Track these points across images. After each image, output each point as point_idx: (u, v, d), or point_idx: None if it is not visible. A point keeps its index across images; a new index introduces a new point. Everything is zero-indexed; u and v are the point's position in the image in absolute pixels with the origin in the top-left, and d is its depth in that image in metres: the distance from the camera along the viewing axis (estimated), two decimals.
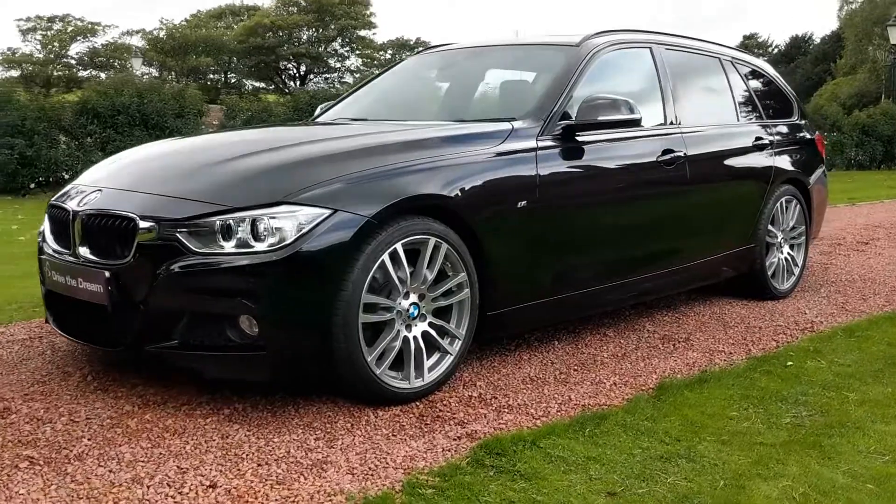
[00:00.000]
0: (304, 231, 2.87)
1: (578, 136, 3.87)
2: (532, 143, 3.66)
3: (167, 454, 2.69)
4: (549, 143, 3.74)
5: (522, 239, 3.57)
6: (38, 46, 47.66)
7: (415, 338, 3.23)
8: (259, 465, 2.62)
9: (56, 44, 47.52)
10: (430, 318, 3.29)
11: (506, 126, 3.70)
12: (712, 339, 4.22)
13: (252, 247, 2.86)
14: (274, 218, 2.88)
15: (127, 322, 3.05)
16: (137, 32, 46.98)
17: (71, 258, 3.27)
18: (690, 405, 3.16)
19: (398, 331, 3.17)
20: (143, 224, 2.98)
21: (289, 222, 2.88)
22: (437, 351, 3.34)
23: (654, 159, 4.24)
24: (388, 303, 3.12)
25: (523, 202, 3.54)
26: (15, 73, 45.58)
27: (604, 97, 3.86)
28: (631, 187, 4.13)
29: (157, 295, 2.93)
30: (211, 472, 2.56)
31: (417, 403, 3.19)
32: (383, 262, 3.04)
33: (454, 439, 2.84)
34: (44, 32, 47.37)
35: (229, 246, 2.87)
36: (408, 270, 3.15)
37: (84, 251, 3.20)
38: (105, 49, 45.79)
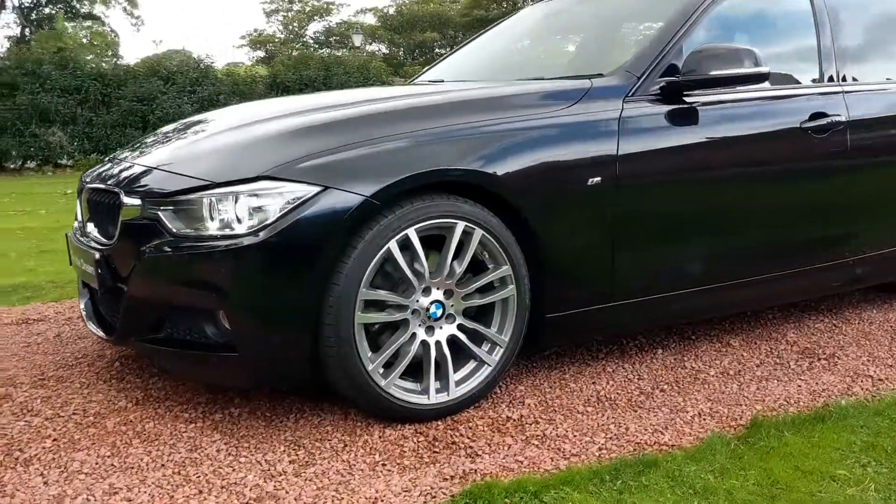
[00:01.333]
0: (286, 212, 2.38)
1: (687, 95, 3.07)
2: (614, 106, 2.92)
3: (115, 467, 2.34)
4: (642, 104, 2.97)
5: (594, 225, 2.86)
6: (280, 27, 51.02)
7: (438, 343, 2.66)
8: (198, 492, 2.19)
9: (295, 24, 50.61)
10: (459, 320, 2.69)
11: (581, 85, 2.98)
12: (866, 358, 3.26)
13: (233, 230, 2.41)
14: (254, 196, 2.41)
15: (115, 309, 2.73)
16: (370, 10, 48.78)
17: (79, 235, 3.01)
18: (785, 454, 2.34)
19: (414, 334, 2.61)
20: (126, 200, 2.63)
21: (270, 201, 2.40)
22: (472, 360, 2.74)
23: (798, 125, 3.31)
24: (398, 300, 2.56)
25: (595, 179, 2.82)
26: (261, 53, 49.00)
27: (719, 46, 3.02)
28: (756, 162, 3.24)
29: (137, 281, 2.57)
30: (139, 497, 2.16)
31: (438, 424, 2.62)
32: (389, 251, 2.49)
33: (446, 479, 2.25)
34: (285, 13, 50.58)
35: (209, 228, 2.44)
36: (425, 262, 2.56)
37: (91, 228, 2.92)
38: (339, 27, 48.03)
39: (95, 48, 35.75)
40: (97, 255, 2.75)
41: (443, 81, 3.83)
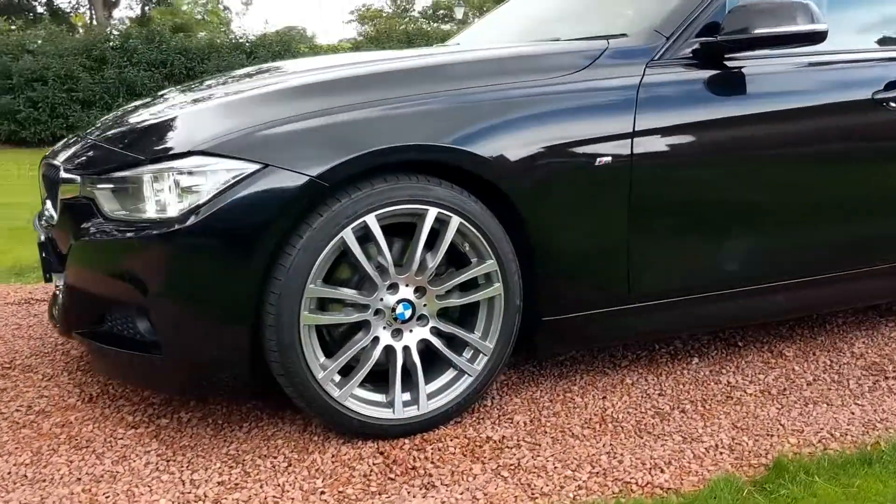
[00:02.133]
0: (218, 193, 2.04)
1: (729, 59, 2.56)
2: (633, 72, 2.45)
3: (26, 479, 2.08)
4: (671, 70, 2.49)
5: (603, 214, 2.41)
6: (388, 2, 51.08)
7: (406, 349, 2.28)
8: None
9: None
10: (433, 322, 2.31)
11: (594, 47, 2.52)
12: None
13: (165, 213, 2.09)
14: (185, 174, 2.08)
15: (57, 297, 2.47)
16: None
17: (37, 215, 2.77)
18: None
19: (376, 337, 2.24)
20: (64, 176, 2.35)
21: (202, 181, 2.06)
22: (451, 369, 2.36)
23: (869, 96, 2.74)
24: (356, 297, 2.20)
25: (605, 159, 2.36)
26: (370, 28, 49.22)
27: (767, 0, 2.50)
28: (815, 140, 2.70)
29: (72, 268, 2.29)
30: None
31: (405, 443, 2.26)
32: (343, 241, 2.12)
33: None
34: None
35: (142, 211, 2.12)
36: (388, 254, 2.19)
37: (48, 207, 2.67)
38: (446, 1, 47.64)
39: (209, 24, 36.50)
40: (42, 237, 2.49)
41: (457, 45, 3.42)
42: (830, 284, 2.83)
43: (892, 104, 2.75)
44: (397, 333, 2.27)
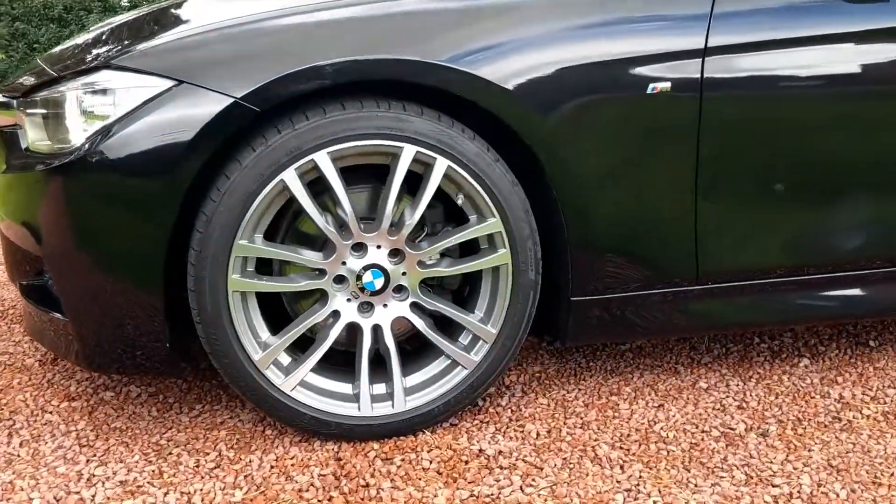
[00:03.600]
0: (120, 116, 1.59)
1: None
2: None
3: None
4: None
5: (658, 162, 1.76)
6: None
7: (377, 328, 1.76)
8: None
9: None
10: (414, 297, 1.76)
11: None
12: None
13: (70, 143, 1.66)
14: (88, 92, 1.64)
15: None
16: None
17: None
18: None
19: (336, 311, 1.74)
20: (1, 99, 1.98)
21: (107, 101, 1.62)
22: (444, 357, 1.81)
23: None
24: (305, 259, 1.70)
25: (661, 85, 1.71)
26: None
27: None
28: None
29: (1, 211, 1.94)
30: None
31: (372, 448, 1.75)
32: (285, 185, 1.62)
33: None
34: None
35: (44, 139, 1.72)
36: (347, 205, 1.66)
37: None
38: None
39: None
40: None
41: None
42: None
43: None
44: (366, 308, 1.75)
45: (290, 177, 1.61)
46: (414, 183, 1.70)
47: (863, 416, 1.88)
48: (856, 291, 2.00)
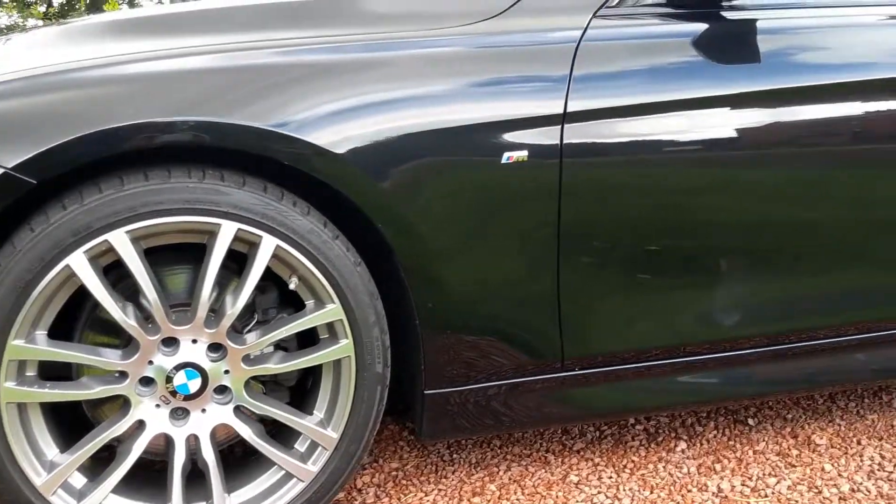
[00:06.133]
0: None
1: (725, 6, 1.71)
2: (574, 21, 1.61)
3: None
4: (636, 19, 1.67)
5: (515, 237, 1.58)
6: None
7: (193, 439, 1.48)
8: None
9: None
10: (238, 400, 1.50)
11: None
12: None
13: None
14: None
15: None
16: None
17: None
18: None
19: (141, 422, 1.45)
20: None
21: None
22: (278, 469, 1.55)
23: None
24: (101, 360, 1.41)
25: (517, 154, 1.53)
26: None
27: None
28: (869, 135, 1.80)
29: None
30: None
31: None
32: (70, 272, 1.34)
33: None
34: None
35: None
36: (151, 292, 1.39)
37: None
38: None
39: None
40: None
41: None
42: (879, 346, 1.93)
43: None
44: (180, 414, 1.48)
45: (78, 261, 1.33)
46: (244, 262, 1.46)
47: None
48: (738, 371, 1.86)
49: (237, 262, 1.48)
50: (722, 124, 1.66)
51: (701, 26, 1.68)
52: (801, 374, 1.95)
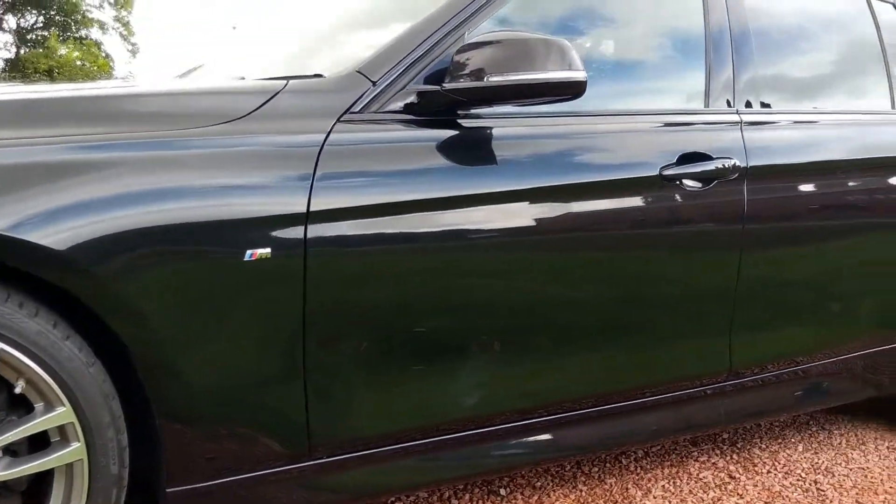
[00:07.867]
0: None
1: (465, 115, 1.86)
2: (319, 125, 1.71)
3: None
4: (379, 125, 1.79)
5: (260, 332, 1.63)
6: None
7: None
8: None
9: None
10: None
11: (267, 87, 1.77)
12: None
13: None
14: None
15: None
16: None
17: None
18: None
19: None
20: None
21: None
22: None
23: (657, 173, 2.09)
24: None
25: (260, 251, 1.58)
26: None
27: (505, 33, 1.82)
28: (583, 227, 2.02)
29: None
30: None
31: None
32: None
33: None
34: None
35: None
36: None
37: None
38: None
39: (87, 70, 35.01)
40: None
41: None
42: (615, 420, 2.13)
43: (680, 182, 2.11)
44: None
45: None
46: None
47: None
48: (487, 446, 1.99)
49: None
50: (456, 222, 1.81)
51: (441, 133, 1.82)
52: (550, 444, 2.10)
